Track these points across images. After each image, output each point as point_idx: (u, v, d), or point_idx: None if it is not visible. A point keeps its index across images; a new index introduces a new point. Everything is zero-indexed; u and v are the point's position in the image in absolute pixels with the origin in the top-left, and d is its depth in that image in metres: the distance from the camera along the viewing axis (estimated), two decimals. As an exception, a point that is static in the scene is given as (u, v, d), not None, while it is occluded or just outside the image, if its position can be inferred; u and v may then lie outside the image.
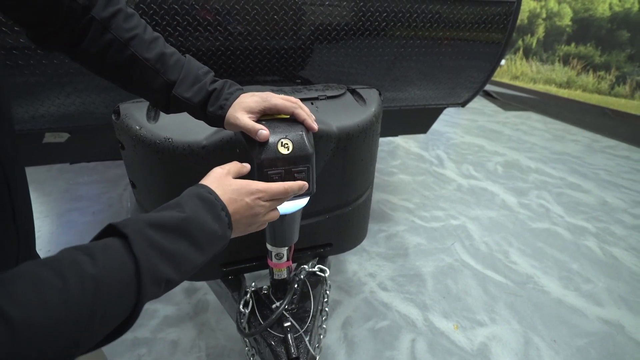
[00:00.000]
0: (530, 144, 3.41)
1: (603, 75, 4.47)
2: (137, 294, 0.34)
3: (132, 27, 0.52)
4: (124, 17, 0.52)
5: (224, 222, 0.45)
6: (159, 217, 0.40)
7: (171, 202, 0.44)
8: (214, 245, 0.44)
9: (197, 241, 0.41)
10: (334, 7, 1.14)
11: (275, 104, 0.58)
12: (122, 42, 0.51)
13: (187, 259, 0.40)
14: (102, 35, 0.51)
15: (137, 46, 0.52)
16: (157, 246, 0.37)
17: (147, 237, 0.37)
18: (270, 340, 0.84)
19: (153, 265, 0.36)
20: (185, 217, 0.41)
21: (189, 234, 0.41)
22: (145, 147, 0.79)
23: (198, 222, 0.42)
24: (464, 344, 1.35)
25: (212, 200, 0.45)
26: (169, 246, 0.38)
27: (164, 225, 0.39)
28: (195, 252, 0.41)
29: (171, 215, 0.41)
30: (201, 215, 0.43)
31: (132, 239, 0.36)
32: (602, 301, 1.57)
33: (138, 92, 0.58)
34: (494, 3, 1.31)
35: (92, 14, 0.49)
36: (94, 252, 0.33)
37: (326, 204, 0.98)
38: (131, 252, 0.35)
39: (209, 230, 0.43)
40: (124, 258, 0.35)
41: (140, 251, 0.35)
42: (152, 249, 0.37)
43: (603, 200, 2.41)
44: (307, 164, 0.59)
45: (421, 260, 1.78)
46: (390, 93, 1.48)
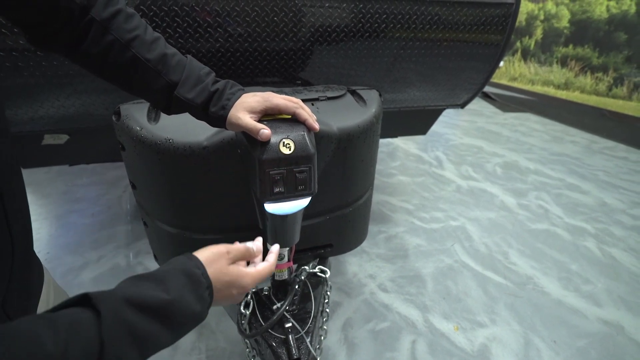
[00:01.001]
0: (529, 145, 3.42)
1: (601, 77, 4.49)
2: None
3: (133, 28, 0.52)
4: (124, 18, 0.51)
5: (206, 303, 0.43)
6: (140, 296, 0.36)
7: (156, 274, 0.40)
8: (189, 327, 0.42)
9: (173, 325, 0.39)
10: (333, 8, 1.14)
11: (277, 104, 0.58)
12: (123, 43, 0.51)
13: (158, 342, 0.38)
14: (102, 37, 0.50)
15: (139, 47, 0.52)
16: (130, 329, 0.34)
17: (122, 318, 0.34)
18: (271, 341, 0.83)
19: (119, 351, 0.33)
20: (169, 301, 0.38)
21: (167, 318, 0.38)
22: (146, 148, 0.79)
23: (180, 306, 0.39)
24: (464, 345, 1.35)
25: (198, 278, 0.42)
26: (142, 329, 0.35)
27: (143, 305, 0.36)
28: (167, 335, 0.38)
29: (153, 296, 0.37)
30: (185, 297, 0.40)
31: (104, 318, 0.33)
32: (602, 302, 1.57)
33: (139, 93, 0.57)
34: (493, 5, 1.32)
35: (92, 15, 0.48)
36: (59, 326, 0.30)
37: (326, 204, 0.98)
38: (99, 334, 0.32)
39: (190, 313, 0.40)
40: (90, 339, 0.31)
41: (110, 335, 0.32)
42: (123, 332, 0.34)
43: (602, 201, 2.42)
44: (308, 164, 0.59)
45: (421, 261, 1.78)
46: (390, 94, 1.49)
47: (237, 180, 0.83)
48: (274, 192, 0.59)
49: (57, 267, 1.65)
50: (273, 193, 0.59)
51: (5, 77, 0.98)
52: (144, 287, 0.38)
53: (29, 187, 0.48)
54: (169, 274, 0.41)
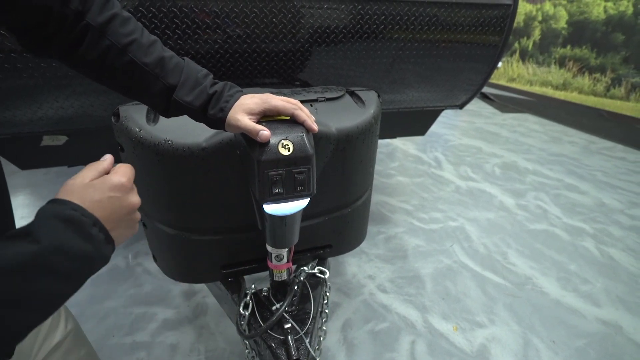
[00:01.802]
0: (528, 145, 3.43)
1: (599, 78, 4.51)
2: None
3: (129, 32, 0.51)
4: (120, 22, 0.51)
5: (98, 240, 0.38)
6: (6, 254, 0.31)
7: (20, 229, 0.34)
8: (86, 268, 0.37)
9: (61, 273, 0.34)
10: (332, 10, 1.15)
11: (276, 106, 0.58)
12: (120, 48, 0.50)
13: (50, 296, 0.34)
14: (99, 42, 0.49)
15: (136, 51, 0.51)
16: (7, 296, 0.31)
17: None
18: (270, 342, 0.83)
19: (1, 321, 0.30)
20: (40, 250, 0.33)
21: (50, 268, 0.33)
22: (145, 149, 0.79)
23: (61, 250, 0.34)
24: (463, 345, 1.35)
25: (79, 219, 0.36)
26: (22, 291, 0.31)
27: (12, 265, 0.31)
28: (61, 286, 0.35)
29: (21, 249, 0.32)
30: (65, 241, 0.35)
31: None
32: (600, 302, 1.58)
33: (137, 97, 0.57)
34: (491, 6, 1.32)
35: (87, 20, 0.48)
36: None
37: (325, 205, 0.98)
38: None
39: (78, 254, 0.36)
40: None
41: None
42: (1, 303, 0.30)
43: (600, 202, 2.42)
44: (307, 164, 0.59)
45: (420, 261, 1.78)
46: (389, 95, 1.49)
47: (236, 181, 0.83)
48: (273, 192, 0.59)
49: (55, 269, 1.65)
50: (272, 194, 0.59)
51: (4, 78, 0.98)
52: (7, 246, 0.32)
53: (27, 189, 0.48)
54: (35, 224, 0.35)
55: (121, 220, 0.42)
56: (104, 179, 0.42)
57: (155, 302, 1.49)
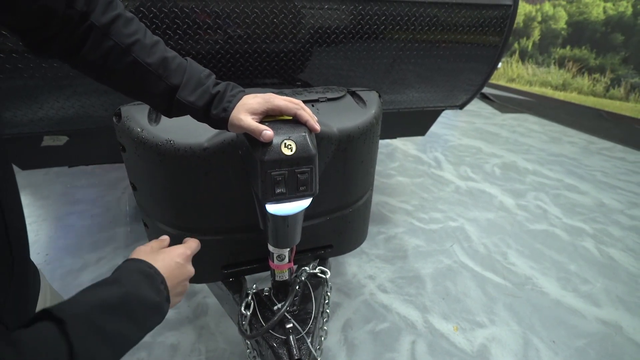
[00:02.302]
0: (528, 145, 3.43)
1: (598, 78, 4.51)
2: None
3: (132, 32, 0.51)
4: (123, 22, 0.51)
5: (163, 295, 0.45)
6: (99, 295, 0.38)
7: (108, 278, 0.42)
8: (153, 321, 0.43)
9: (137, 318, 0.40)
10: (333, 10, 1.15)
11: (278, 105, 0.58)
12: (123, 48, 0.50)
13: (127, 339, 0.39)
14: (102, 42, 0.49)
15: (139, 51, 0.51)
16: (97, 329, 0.35)
17: (86, 319, 0.35)
18: (272, 342, 0.84)
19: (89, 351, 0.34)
20: (126, 292, 0.40)
21: (129, 311, 0.39)
22: (147, 149, 0.79)
23: (139, 297, 0.41)
24: (463, 345, 1.35)
25: (153, 274, 0.45)
26: (109, 327, 0.37)
27: (104, 303, 0.37)
28: (135, 330, 0.40)
29: (111, 292, 0.39)
30: (142, 290, 0.42)
31: (68, 323, 0.33)
32: (600, 302, 1.58)
33: (140, 97, 0.57)
34: (491, 7, 1.33)
35: (92, 20, 0.48)
36: (21, 340, 0.30)
37: (327, 205, 0.98)
38: (66, 338, 0.32)
39: (150, 304, 0.42)
40: (57, 345, 0.32)
41: (77, 337, 0.33)
42: (90, 333, 0.35)
43: (600, 202, 2.43)
44: (310, 164, 0.59)
45: (420, 262, 1.78)
46: (389, 95, 1.49)
47: (238, 181, 0.83)
48: (276, 192, 0.59)
49: (56, 269, 1.65)
50: (275, 194, 0.60)
51: (5, 78, 0.98)
52: (100, 289, 0.39)
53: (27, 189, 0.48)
54: (121, 275, 0.43)
55: (178, 284, 0.49)
56: (173, 248, 0.52)
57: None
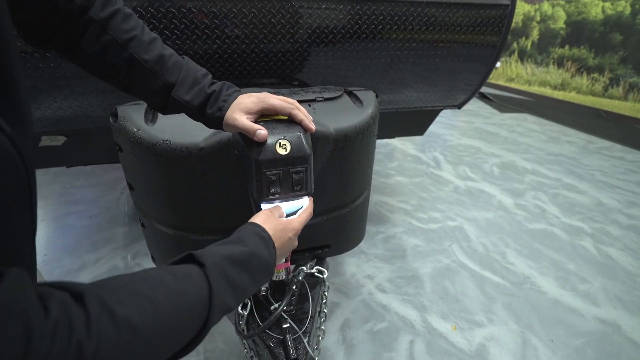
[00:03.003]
0: (526, 145, 3.43)
1: (597, 77, 4.52)
2: (206, 318, 0.38)
3: (130, 28, 0.51)
4: (122, 18, 0.51)
5: (273, 258, 0.52)
6: (230, 250, 0.45)
7: (232, 238, 0.49)
8: (265, 278, 0.50)
9: (255, 274, 0.47)
10: (330, 10, 1.15)
11: (273, 105, 0.58)
12: (120, 44, 0.50)
13: (246, 290, 0.46)
14: (100, 37, 0.50)
15: (136, 47, 0.52)
16: (228, 277, 0.42)
17: (221, 268, 0.42)
18: (269, 341, 0.84)
19: (222, 295, 0.41)
20: (250, 252, 0.47)
21: (250, 268, 0.46)
22: (143, 149, 0.79)
23: (259, 256, 0.48)
24: (462, 345, 1.35)
25: (267, 239, 0.52)
26: (236, 278, 0.43)
27: (234, 258, 0.44)
28: (252, 284, 0.47)
29: (239, 249, 0.46)
30: (261, 252, 0.49)
31: (208, 268, 0.41)
32: (599, 301, 1.58)
33: (136, 94, 0.57)
34: (489, 6, 1.33)
35: (90, 15, 0.48)
36: (177, 274, 0.38)
37: (324, 205, 0.98)
38: (207, 281, 0.40)
39: (266, 264, 0.49)
40: (202, 284, 0.39)
41: (215, 280, 0.40)
42: (223, 280, 0.41)
43: (598, 201, 2.43)
44: (305, 164, 0.59)
45: (419, 261, 1.79)
46: (387, 95, 1.49)
47: (234, 181, 0.83)
48: (271, 192, 0.59)
49: (55, 269, 1.65)
50: (270, 193, 0.60)
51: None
52: (229, 246, 0.47)
53: (26, 189, 0.48)
54: (243, 236, 0.50)
55: (282, 254, 0.56)
56: (289, 221, 0.58)
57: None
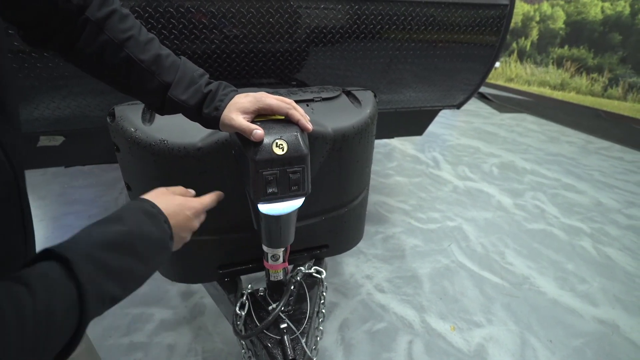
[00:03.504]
0: (526, 145, 3.43)
1: (596, 78, 4.52)
2: (79, 318, 0.33)
3: (127, 28, 0.52)
4: (119, 18, 0.51)
5: (167, 233, 0.46)
6: (102, 234, 0.39)
7: (112, 216, 0.43)
8: (159, 255, 0.44)
9: (141, 254, 0.41)
10: (329, 10, 1.15)
11: (270, 104, 0.58)
12: (117, 44, 0.51)
13: (133, 274, 0.40)
14: (97, 36, 0.50)
15: (133, 47, 0.52)
16: (102, 266, 0.36)
17: (91, 257, 0.36)
18: (266, 342, 0.83)
19: (97, 286, 0.35)
20: (129, 231, 0.41)
21: (133, 248, 0.40)
22: (141, 149, 0.79)
23: (142, 234, 0.42)
24: (461, 345, 1.35)
25: (155, 214, 0.46)
26: (114, 263, 0.37)
27: (107, 242, 0.38)
28: (140, 266, 0.41)
29: (114, 230, 0.40)
30: (145, 228, 0.43)
31: (74, 262, 0.34)
32: (597, 301, 1.58)
33: (133, 94, 0.57)
34: (488, 6, 1.32)
35: (87, 14, 0.49)
36: (30, 281, 0.31)
37: (322, 205, 0.98)
38: (73, 277, 0.33)
39: (155, 241, 0.44)
40: (65, 284, 0.33)
41: (83, 274, 0.34)
42: (96, 270, 0.35)
43: (597, 201, 2.43)
44: (302, 164, 0.59)
45: (418, 261, 1.78)
46: (386, 95, 1.49)
47: (232, 181, 0.83)
48: (268, 192, 0.59)
49: (53, 270, 1.64)
50: (266, 193, 0.59)
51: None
52: (105, 226, 0.40)
53: (23, 189, 0.48)
54: (124, 213, 0.43)
55: (180, 233, 0.50)
56: (186, 199, 0.53)
57: (153, 302, 1.49)
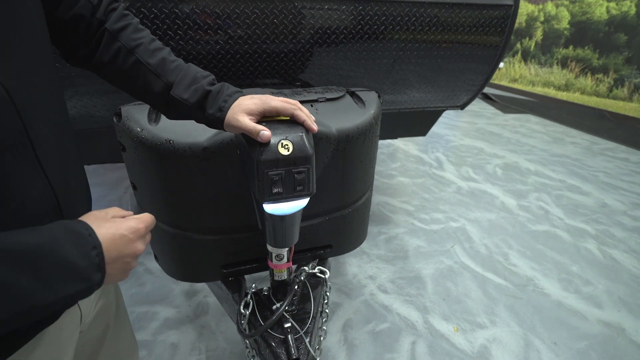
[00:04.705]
0: (530, 146, 3.42)
1: (601, 78, 4.49)
2: None
3: (138, 37, 0.57)
4: (132, 30, 0.57)
5: (92, 262, 0.38)
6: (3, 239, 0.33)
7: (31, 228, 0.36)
8: (68, 284, 0.36)
9: (44, 276, 0.34)
10: (333, 10, 1.15)
11: (275, 107, 0.59)
12: (128, 49, 0.55)
13: (24, 294, 0.33)
14: (111, 44, 0.55)
15: (142, 52, 0.56)
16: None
17: None
18: (270, 341, 0.84)
19: None
20: (38, 245, 0.34)
21: (33, 265, 0.33)
22: (147, 149, 0.79)
23: (53, 253, 0.35)
24: (464, 346, 1.35)
25: (84, 236, 0.39)
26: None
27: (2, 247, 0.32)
28: (38, 288, 0.34)
29: (19, 240, 0.34)
30: (60, 247, 0.36)
31: None
32: (602, 303, 1.57)
33: (142, 97, 0.60)
34: (492, 7, 1.32)
35: (106, 26, 0.55)
36: None
37: (326, 205, 0.98)
38: None
39: (66, 265, 0.36)
40: None
41: None
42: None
43: (602, 203, 2.41)
44: (307, 164, 0.59)
45: (421, 262, 1.78)
46: (390, 96, 1.49)
47: (237, 181, 0.83)
48: (273, 192, 0.60)
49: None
50: (272, 193, 0.60)
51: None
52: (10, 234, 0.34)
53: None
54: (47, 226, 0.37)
55: (120, 259, 0.42)
56: (125, 219, 0.45)
57: (157, 301, 1.49)
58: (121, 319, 0.71)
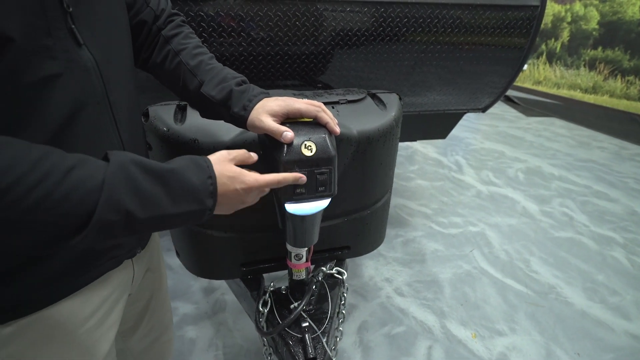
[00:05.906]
0: (554, 150, 3.31)
1: (632, 80, 4.30)
2: (94, 207, 0.36)
3: (186, 43, 0.64)
4: (183, 37, 0.65)
5: (207, 189, 0.46)
6: (147, 160, 0.42)
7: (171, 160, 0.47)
8: (188, 203, 0.44)
9: (172, 192, 0.43)
10: (354, 13, 1.16)
11: (299, 109, 0.60)
12: (175, 52, 0.63)
13: (156, 202, 0.41)
14: (163, 48, 0.63)
15: (185, 55, 0.62)
16: (130, 178, 0.39)
17: (125, 167, 0.40)
18: (288, 339, 0.85)
19: (116, 191, 0.38)
20: (172, 169, 0.43)
21: (166, 183, 0.42)
22: (172, 148, 0.81)
23: (180, 176, 0.44)
24: (482, 353, 1.32)
25: (204, 167, 0.47)
26: (142, 184, 0.40)
27: (146, 166, 0.41)
28: (166, 200, 0.42)
29: (158, 164, 0.43)
30: (186, 173, 0.44)
31: (110, 163, 0.39)
32: (631, 315, 1.51)
33: (183, 96, 0.65)
34: (517, 8, 1.29)
35: (162, 33, 0.63)
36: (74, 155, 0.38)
37: (345, 206, 0.99)
38: (103, 173, 0.38)
39: (188, 186, 0.44)
40: (96, 172, 0.38)
41: (111, 177, 0.38)
42: (123, 181, 0.39)
43: (632, 210, 2.31)
44: (329, 165, 0.60)
45: (438, 266, 1.76)
46: (410, 98, 1.48)
47: (258, 180, 0.85)
48: (295, 192, 0.60)
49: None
50: (294, 193, 0.61)
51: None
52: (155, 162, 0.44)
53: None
54: (176, 159, 0.47)
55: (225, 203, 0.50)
56: (242, 172, 0.52)
57: (176, 296, 1.53)
58: (162, 293, 0.81)
